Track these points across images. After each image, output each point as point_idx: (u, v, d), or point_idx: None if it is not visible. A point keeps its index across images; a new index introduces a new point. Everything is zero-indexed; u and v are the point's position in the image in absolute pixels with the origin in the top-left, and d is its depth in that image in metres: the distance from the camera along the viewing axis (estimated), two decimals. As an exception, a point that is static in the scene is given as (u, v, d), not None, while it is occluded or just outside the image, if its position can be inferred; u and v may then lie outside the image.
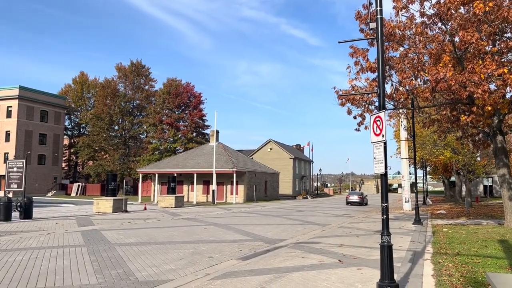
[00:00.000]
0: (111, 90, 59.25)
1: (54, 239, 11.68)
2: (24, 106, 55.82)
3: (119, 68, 61.36)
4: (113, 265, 8.07)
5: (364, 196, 40.17)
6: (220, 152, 41.65)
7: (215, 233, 13.70)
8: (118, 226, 15.91)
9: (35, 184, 54.08)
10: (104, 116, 58.07)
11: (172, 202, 29.96)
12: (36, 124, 57.45)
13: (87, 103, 66.47)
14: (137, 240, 11.81)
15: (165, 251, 9.79)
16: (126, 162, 57.54)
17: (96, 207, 24.24)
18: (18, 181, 19.22)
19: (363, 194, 41.16)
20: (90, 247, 10.29)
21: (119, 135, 61.37)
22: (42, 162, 58.07)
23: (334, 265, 8.23)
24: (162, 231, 14.14)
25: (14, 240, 11.50)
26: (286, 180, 61.42)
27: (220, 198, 40.34)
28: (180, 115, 58.70)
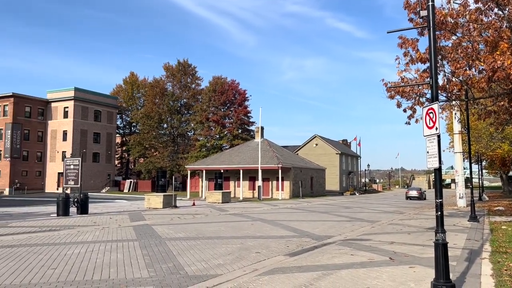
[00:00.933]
0: (160, 89, 61.01)
1: (108, 234, 12.19)
2: (79, 106, 58.74)
3: (167, 68, 63.02)
4: (163, 259, 8.29)
5: (423, 192, 42.74)
6: (265, 148, 41.76)
7: (261, 229, 13.74)
8: (168, 221, 16.36)
9: (90, 180, 56.82)
10: (153, 115, 59.92)
11: (219, 198, 30.42)
12: (91, 124, 60.29)
13: (137, 103, 68.85)
14: (186, 235, 12.07)
15: (213, 246, 9.94)
16: (175, 159, 59.08)
17: (147, 203, 25.08)
18: (75, 178, 20.24)
19: (421, 189, 43.70)
20: (142, 241, 10.64)
21: (168, 133, 63.11)
22: (97, 160, 60.91)
23: (384, 263, 7.99)
24: (210, 226, 14.38)
25: (72, 234, 12.12)
26: (333, 176, 60.58)
27: (266, 194, 40.47)
28: (225, 112, 59.42)
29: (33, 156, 57.90)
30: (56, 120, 59.01)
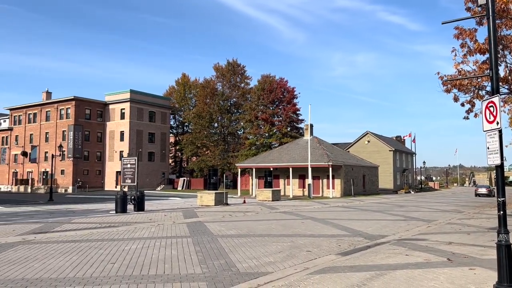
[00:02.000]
0: (210, 89, 62.26)
1: (163, 230, 12.62)
2: (135, 108, 61.24)
3: (216, 68, 64.16)
4: (215, 256, 8.46)
5: (492, 189, 44.36)
6: (314, 146, 41.35)
7: (312, 227, 13.63)
8: (220, 218, 16.66)
9: (146, 179, 59.07)
10: (204, 115, 61.27)
11: (269, 196, 30.53)
12: (146, 124, 62.67)
13: (189, 103, 70.67)
14: (237, 232, 12.23)
15: (264, 244, 9.99)
16: (226, 157, 60.04)
17: (199, 200, 25.68)
18: (132, 177, 21.12)
19: (490, 187, 46.78)
20: (195, 238, 10.91)
21: (219, 132, 64.26)
22: (152, 159, 63.22)
23: (442, 264, 7.65)
24: (261, 224, 14.47)
25: (129, 230, 12.67)
26: (386, 174, 58.83)
27: (316, 192, 40.07)
28: (274, 110, 59.50)
29: (93, 155, 61.12)
30: (113, 121, 61.91)
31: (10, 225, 14.28)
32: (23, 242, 10.25)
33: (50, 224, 14.35)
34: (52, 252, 8.75)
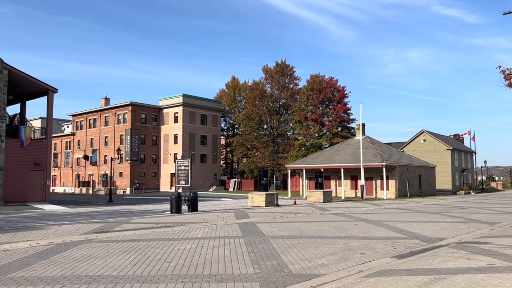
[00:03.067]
0: (259, 91, 62.70)
1: (216, 230, 12.86)
2: (187, 112, 62.98)
3: (265, 70, 64.51)
4: (267, 256, 8.50)
5: None
6: (367, 146, 40.37)
7: (366, 229, 13.32)
8: (271, 219, 16.71)
9: (199, 180, 60.50)
10: (254, 117, 61.78)
11: (320, 197, 30.20)
12: (198, 127, 64.23)
13: (239, 106, 71.58)
14: (288, 233, 12.21)
15: (316, 245, 9.90)
16: (276, 158, 60.14)
17: (250, 201, 25.91)
18: (185, 178, 21.71)
19: None
20: (247, 238, 11.02)
21: (268, 133, 64.53)
22: (204, 161, 64.67)
23: (508, 269, 7.20)
24: (312, 225, 14.35)
25: (184, 230, 13.03)
26: (444, 174, 56.26)
27: (370, 194, 39.09)
28: (324, 110, 58.79)
29: (149, 158, 63.52)
30: (167, 125, 64.02)
31: (74, 224, 15.18)
32: (86, 241, 10.85)
33: (110, 224, 15.09)
34: (113, 251, 9.19)
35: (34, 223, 16.13)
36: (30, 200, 30.00)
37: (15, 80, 30.02)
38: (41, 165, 30.96)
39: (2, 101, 27.99)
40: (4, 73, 28.23)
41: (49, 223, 16.02)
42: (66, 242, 10.58)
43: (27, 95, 34.44)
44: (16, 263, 7.90)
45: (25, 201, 29.64)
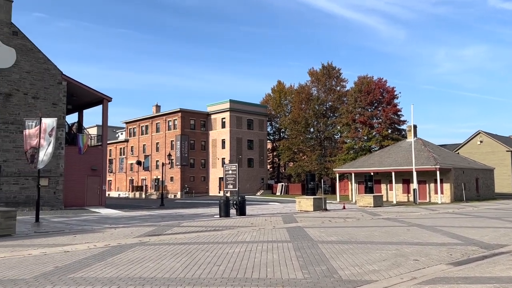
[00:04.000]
0: (305, 94, 62.35)
1: (264, 234, 12.90)
2: (234, 117, 63.83)
3: (311, 73, 64.08)
4: (316, 261, 8.40)
5: None
6: (419, 148, 38.93)
7: (419, 235, 12.82)
8: (319, 224, 16.51)
9: (246, 184, 61.01)
10: (300, 120, 61.48)
11: (370, 202, 29.46)
12: (244, 132, 64.88)
13: (285, 109, 71.55)
14: (338, 238, 12.01)
15: (366, 251, 9.67)
16: (323, 162, 59.43)
17: (298, 206, 25.75)
18: (233, 182, 22.00)
19: None
20: (295, 243, 10.96)
21: (315, 137, 63.94)
22: (251, 165, 65.16)
23: None
24: (363, 231, 14.02)
25: (233, 234, 13.18)
26: (504, 177, 53.08)
27: (423, 198, 37.60)
28: (373, 112, 57.42)
29: (198, 163, 64.93)
30: (215, 130, 65.20)
31: (128, 227, 15.80)
32: (140, 243, 11.25)
33: (162, 227, 15.56)
34: (165, 253, 9.47)
35: (91, 226, 16.97)
36: (87, 204, 31.58)
37: (73, 91, 31.81)
38: (97, 170, 32.53)
39: (61, 110, 29.74)
40: (63, 84, 30.00)
41: (105, 226, 16.78)
42: (121, 244, 11.03)
43: (84, 104, 36.38)
44: (76, 264, 8.34)
45: (83, 205, 31.24)
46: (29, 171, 26.38)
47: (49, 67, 29.42)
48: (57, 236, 13.29)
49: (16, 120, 27.27)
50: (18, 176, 27.27)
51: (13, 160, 27.07)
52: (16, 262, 8.65)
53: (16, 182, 27.19)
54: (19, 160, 26.94)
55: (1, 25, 27.38)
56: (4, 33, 27.07)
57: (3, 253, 9.80)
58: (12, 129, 27.17)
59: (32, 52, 28.66)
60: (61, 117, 28.94)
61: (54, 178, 28.73)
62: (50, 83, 29.34)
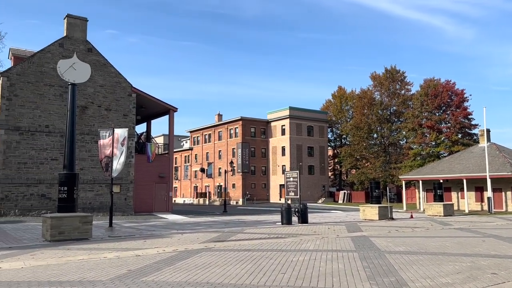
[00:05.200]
0: (368, 99, 60.81)
1: (327, 243, 12.70)
2: (294, 124, 63.75)
3: (373, 77, 62.45)
4: (384, 272, 8.12)
5: None
6: (493, 154, 36.38)
7: (496, 247, 11.95)
8: (386, 233, 15.95)
9: (307, 192, 60.49)
10: (362, 126, 60.00)
11: (440, 211, 27.97)
12: (304, 139, 64.52)
13: (346, 115, 70.24)
14: (406, 248, 11.53)
15: (438, 263, 9.18)
16: (387, 169, 57.46)
17: (362, 214, 25.09)
18: (295, 190, 21.92)
19: None
20: (361, 252, 10.68)
21: (379, 143, 62.04)
22: (312, 172, 64.56)
23: None
24: (433, 241, 13.34)
25: (296, 242, 13.12)
26: None
27: (498, 207, 35.00)
28: (441, 116, 54.65)
29: (259, 170, 65.52)
30: (275, 137, 65.50)
31: (194, 233, 16.29)
32: (205, 249, 11.56)
33: (226, 234, 15.87)
34: (230, 260, 9.65)
35: (159, 231, 17.71)
36: (155, 210, 33.03)
37: (142, 102, 33.58)
38: (164, 178, 33.96)
39: (131, 121, 31.48)
40: (133, 96, 31.80)
41: (172, 231, 17.43)
42: (188, 250, 11.40)
43: (152, 114, 38.25)
44: (147, 267, 8.74)
45: (151, 211, 32.71)
46: (103, 178, 28.17)
47: (120, 81, 31.33)
48: (129, 240, 14.02)
49: (91, 131, 29.28)
50: (93, 183, 29.20)
51: (89, 168, 29.05)
52: (93, 264, 9.25)
53: (91, 189, 29.13)
54: (94, 168, 28.87)
55: (77, 43, 29.67)
56: (80, 50, 29.27)
57: (82, 255, 10.52)
58: (87, 139, 29.20)
59: (105, 67, 30.71)
60: (131, 127, 30.62)
61: (125, 185, 30.41)
62: (121, 95, 31.22)
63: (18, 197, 26.89)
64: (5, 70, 28.28)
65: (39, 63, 28.40)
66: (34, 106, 27.94)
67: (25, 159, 27.32)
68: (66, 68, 15.26)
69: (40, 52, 28.80)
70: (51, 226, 13.18)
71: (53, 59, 28.04)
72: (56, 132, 28.32)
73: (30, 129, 27.67)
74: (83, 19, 30.19)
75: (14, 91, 27.39)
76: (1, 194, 26.41)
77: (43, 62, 28.49)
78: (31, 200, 27.29)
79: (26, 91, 27.76)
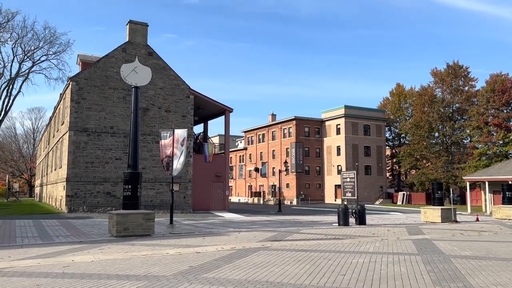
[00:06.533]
0: (428, 97, 58.25)
1: (387, 246, 12.33)
2: (349, 123, 62.50)
3: (434, 73, 59.72)
4: (451, 277, 7.75)
5: None
6: None
7: None
8: (449, 237, 15.21)
9: (364, 192, 59.05)
10: (422, 124, 57.57)
11: (510, 214, 26.19)
12: (360, 138, 63.06)
13: (405, 113, 67.77)
14: (473, 253, 10.92)
15: (510, 269, 8.62)
16: (450, 169, 54.71)
17: (423, 216, 24.11)
18: (352, 190, 21.49)
19: None
20: (424, 256, 10.27)
21: (440, 142, 59.22)
22: (368, 173, 62.95)
23: None
24: (502, 246, 12.53)
25: (354, 243, 12.86)
26: None
27: None
28: (509, 113, 51.13)
29: (313, 170, 64.94)
30: (330, 137, 64.59)
31: (251, 232, 16.48)
32: (262, 248, 11.65)
33: (282, 233, 15.89)
34: (287, 259, 9.65)
35: (217, 229, 18.10)
36: (212, 208, 33.80)
37: (199, 103, 34.50)
38: (221, 177, 34.67)
39: (190, 122, 32.45)
40: (191, 98, 32.76)
41: (229, 229, 17.75)
42: (245, 248, 11.56)
43: (208, 115, 39.19)
44: (207, 264, 8.97)
45: (208, 209, 33.52)
46: (163, 177, 29.26)
47: (178, 83, 32.40)
48: (188, 237, 14.45)
49: (152, 131, 30.53)
50: (154, 182, 30.44)
51: (150, 167, 30.31)
52: (156, 260, 9.64)
53: (153, 187, 30.37)
54: (155, 167, 30.07)
55: (139, 47, 31.05)
56: (142, 54, 30.61)
57: (146, 251, 11.00)
58: (148, 139, 30.48)
59: (165, 70, 31.89)
60: (189, 128, 31.56)
61: (184, 184, 31.40)
62: (180, 97, 32.27)
63: (86, 194, 28.63)
64: (74, 75, 30.26)
65: (104, 67, 30.07)
66: (100, 109, 29.63)
67: (92, 159, 29.03)
68: (128, 72, 16.00)
69: (105, 57, 30.49)
70: (117, 223, 13.89)
71: (116, 64, 29.56)
72: (120, 133, 29.84)
73: (96, 130, 29.37)
74: (144, 24, 31.56)
75: (82, 94, 29.21)
76: (71, 192, 28.27)
77: (107, 67, 30.13)
78: (97, 198, 28.97)
79: (92, 95, 29.51)
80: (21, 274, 7.82)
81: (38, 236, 14.61)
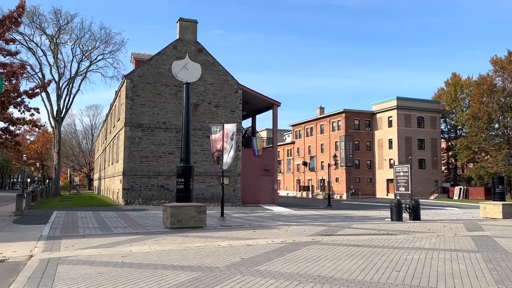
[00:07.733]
0: (487, 86, 55.05)
1: (444, 242, 11.85)
2: (402, 115, 60.45)
3: (494, 61, 56.28)
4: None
5: None
6: None
7: None
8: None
9: (417, 187, 57.01)
10: (481, 115, 54.56)
11: None
12: (414, 130, 60.82)
13: (461, 104, 64.57)
14: (540, 252, 10.24)
15: None
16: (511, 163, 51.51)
17: (483, 212, 22.91)
18: (405, 185, 20.81)
19: None
20: (484, 253, 9.77)
21: (501, 134, 55.85)
22: (422, 166, 60.68)
23: None
24: None
25: (408, 239, 12.47)
26: None
27: None
28: None
29: (364, 164, 63.54)
30: (381, 130, 62.82)
31: (301, 226, 16.44)
32: (313, 242, 11.59)
33: (332, 228, 15.72)
34: (339, 254, 9.54)
35: (267, 222, 18.21)
36: (261, 201, 34.05)
37: (247, 98, 34.76)
38: (269, 171, 34.81)
39: (238, 116, 32.81)
40: (239, 93, 33.09)
41: (279, 223, 17.80)
42: (296, 242, 11.55)
43: (256, 110, 39.40)
44: (258, 257, 9.06)
45: (257, 202, 33.80)
46: (213, 171, 29.84)
47: (227, 78, 32.80)
48: (239, 230, 14.67)
49: (202, 126, 31.19)
50: (205, 175, 31.13)
51: (201, 161, 31.01)
52: (209, 251, 9.87)
53: (204, 181, 31.08)
54: (206, 161, 30.73)
55: (189, 44, 31.74)
56: (192, 51, 31.27)
57: (199, 243, 11.30)
58: (199, 134, 31.17)
59: (214, 66, 32.41)
60: (238, 122, 31.92)
61: (233, 177, 31.87)
62: (229, 92, 32.68)
63: (141, 187, 29.82)
64: (128, 73, 31.49)
65: (156, 65, 31.05)
66: (153, 105, 30.66)
67: (146, 153, 30.15)
68: (179, 68, 16.41)
69: (157, 55, 31.46)
70: (171, 215, 14.36)
71: (168, 61, 30.41)
72: (172, 128, 30.74)
73: (150, 125, 30.44)
74: (193, 21, 32.20)
75: (136, 91, 30.36)
76: (127, 185, 29.55)
77: (159, 64, 31.08)
78: (152, 191, 30.08)
79: (146, 91, 30.58)
80: (84, 263, 8.31)
81: (98, 227, 15.42)
